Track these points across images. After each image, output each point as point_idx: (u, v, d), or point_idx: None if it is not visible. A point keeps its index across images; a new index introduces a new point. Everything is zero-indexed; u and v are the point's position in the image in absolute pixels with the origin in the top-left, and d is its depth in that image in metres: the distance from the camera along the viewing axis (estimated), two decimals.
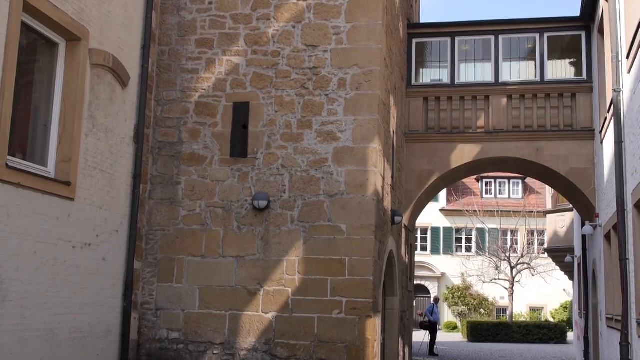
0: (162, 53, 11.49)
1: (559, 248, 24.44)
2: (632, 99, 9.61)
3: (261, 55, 11.19)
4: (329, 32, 11.03)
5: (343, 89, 10.85)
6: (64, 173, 8.70)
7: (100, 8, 9.47)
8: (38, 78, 8.71)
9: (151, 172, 11.21)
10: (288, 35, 11.14)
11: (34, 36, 8.46)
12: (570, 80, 14.60)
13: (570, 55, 15.05)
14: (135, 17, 10.53)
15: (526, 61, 15.15)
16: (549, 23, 14.91)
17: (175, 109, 11.33)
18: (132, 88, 10.47)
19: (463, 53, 15.18)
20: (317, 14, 11.09)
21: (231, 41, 11.31)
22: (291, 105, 10.97)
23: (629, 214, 9.82)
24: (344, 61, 10.91)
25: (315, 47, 11.03)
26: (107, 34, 9.66)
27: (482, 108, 14.66)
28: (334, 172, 10.69)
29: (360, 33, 10.93)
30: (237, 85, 11.20)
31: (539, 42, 14.82)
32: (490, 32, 15.10)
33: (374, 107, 10.74)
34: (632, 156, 9.65)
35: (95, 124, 9.37)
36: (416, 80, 15.29)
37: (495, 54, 14.95)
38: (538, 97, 14.48)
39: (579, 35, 14.72)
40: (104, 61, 9.47)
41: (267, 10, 11.26)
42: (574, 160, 14.20)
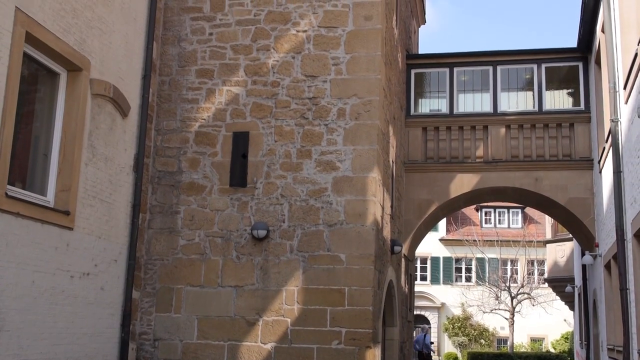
0: (163, 83, 11.56)
1: (559, 278, 24.35)
2: (629, 129, 9.66)
3: (261, 86, 11.27)
4: (328, 62, 11.12)
5: (342, 118, 10.90)
6: (63, 202, 8.70)
7: (101, 39, 9.55)
8: (39, 108, 8.75)
9: (150, 202, 11.21)
10: (288, 65, 11.23)
11: (35, 66, 8.53)
12: (568, 111, 14.68)
13: (568, 85, 15.16)
14: (136, 48, 10.62)
15: (524, 91, 15.25)
16: (547, 54, 15.04)
17: (175, 139, 11.37)
18: (133, 118, 10.52)
19: (461, 83, 15.29)
20: (317, 45, 11.19)
21: (231, 71, 11.40)
22: (291, 134, 11.01)
23: (629, 244, 9.81)
24: (343, 91, 10.98)
25: (315, 78, 11.11)
26: (108, 64, 9.74)
27: (480, 138, 14.72)
28: (333, 202, 10.69)
29: (359, 64, 11.02)
30: (236, 115, 11.25)
31: (537, 72, 14.94)
32: (488, 63, 15.23)
33: (373, 137, 10.78)
34: (631, 186, 9.67)
35: (95, 153, 9.40)
36: (415, 110, 15.37)
37: (493, 85, 15.05)
38: (536, 127, 14.55)
39: (576, 66, 14.84)
40: (105, 91, 9.53)
41: (267, 41, 11.37)
42: (573, 189, 14.22)
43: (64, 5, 8.64)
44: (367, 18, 11.09)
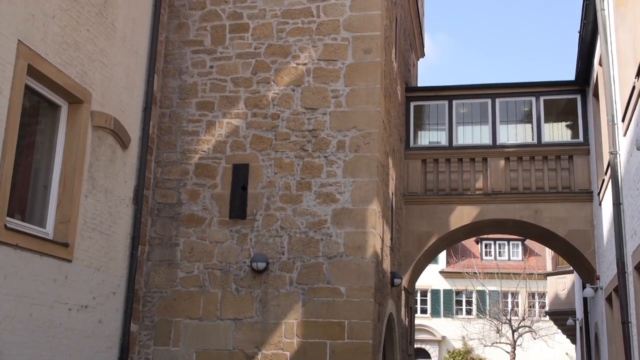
0: (163, 115, 11.62)
1: (561, 311, 24.19)
2: (629, 161, 9.68)
3: (261, 118, 11.32)
4: (328, 95, 11.18)
5: (342, 151, 10.94)
6: (62, 234, 8.68)
7: (103, 72, 9.63)
8: (39, 139, 8.78)
9: (150, 234, 11.18)
10: (288, 98, 11.30)
11: (36, 98, 8.57)
12: (567, 143, 14.73)
13: (566, 118, 15.23)
14: (137, 81, 10.69)
15: (523, 124, 15.31)
16: (545, 87, 15.14)
17: (175, 171, 11.39)
18: (133, 150, 10.55)
19: (460, 116, 15.36)
20: (317, 78, 11.27)
21: (231, 104, 11.46)
22: (290, 167, 11.04)
23: (630, 277, 9.76)
24: (343, 124, 11.03)
25: (315, 110, 11.17)
26: (109, 96, 9.80)
27: (480, 170, 14.75)
28: (333, 234, 10.67)
29: (359, 96, 11.09)
30: (236, 147, 11.29)
31: (535, 105, 15.02)
32: (487, 96, 15.31)
33: (373, 169, 10.80)
34: (631, 218, 9.66)
35: (95, 185, 9.41)
36: (414, 142, 15.42)
37: (492, 117, 15.12)
38: (535, 159, 14.58)
39: (574, 99, 14.92)
40: (106, 123, 9.57)
41: (267, 73, 11.45)
42: (573, 222, 14.20)
43: (66, 39, 8.72)
44: (367, 51, 11.18)
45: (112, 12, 9.90)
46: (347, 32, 11.29)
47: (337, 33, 11.33)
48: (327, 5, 11.44)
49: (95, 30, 9.44)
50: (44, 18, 8.26)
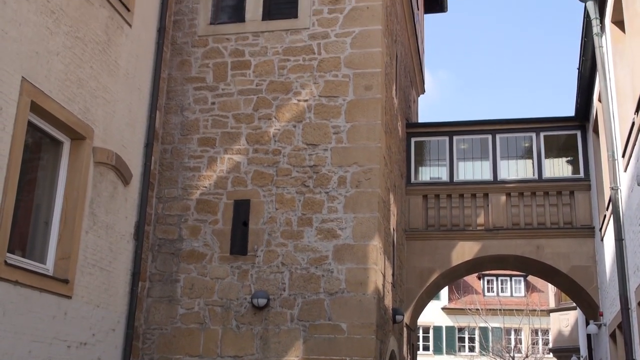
0: (165, 151, 11.67)
1: (564, 348, 23.96)
2: (630, 197, 9.68)
3: (262, 154, 11.36)
4: (329, 131, 11.24)
5: (343, 186, 10.95)
6: (62, 270, 8.64)
7: (105, 108, 9.70)
8: (41, 175, 8.81)
9: (150, 270, 11.14)
10: (289, 134, 11.35)
11: (39, 135, 8.62)
12: (567, 178, 14.74)
13: (566, 153, 15.27)
14: (139, 117, 10.76)
15: (524, 159, 15.35)
16: (545, 123, 15.21)
17: (176, 206, 11.39)
18: (134, 185, 10.57)
19: (461, 151, 15.41)
20: (318, 114, 11.34)
21: (233, 140, 11.52)
22: (291, 202, 11.04)
23: (633, 313, 9.69)
24: (344, 159, 11.06)
25: (316, 146, 11.21)
26: (111, 132, 9.85)
27: (481, 206, 14.74)
28: (334, 270, 10.62)
29: (360, 132, 11.14)
30: (238, 182, 11.30)
31: (536, 141, 15.07)
32: (487, 132, 15.38)
33: (374, 205, 10.80)
34: (634, 254, 9.62)
35: (96, 221, 9.40)
36: (415, 178, 15.44)
37: (492, 153, 15.16)
38: (537, 195, 14.58)
39: (574, 134, 14.98)
40: (107, 159, 9.60)
41: (268, 110, 11.52)
42: (575, 257, 14.14)
43: (70, 76, 8.81)
44: (367, 88, 11.27)
45: (115, 50, 10.01)
46: (348, 69, 11.40)
47: (338, 70, 11.43)
48: (328, 43, 11.57)
49: (99, 67, 9.54)
50: (48, 55, 8.35)
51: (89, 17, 9.30)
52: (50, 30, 8.41)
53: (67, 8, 8.79)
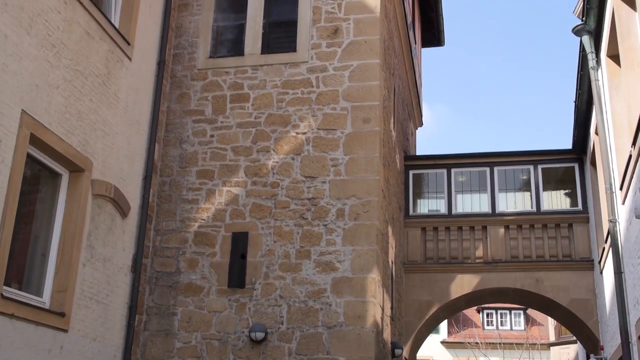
0: (163, 184, 11.67)
1: None
2: (628, 230, 9.67)
3: (260, 186, 11.37)
4: (327, 163, 11.26)
5: (341, 219, 10.93)
6: (59, 303, 8.58)
7: (104, 140, 9.73)
8: (39, 208, 8.80)
9: (147, 303, 11.06)
10: (287, 166, 11.37)
11: (38, 167, 8.63)
12: (566, 211, 14.74)
13: (564, 186, 15.30)
14: (138, 149, 10.79)
15: (522, 192, 15.36)
16: (542, 155, 15.26)
17: (174, 239, 11.36)
18: (132, 218, 10.56)
19: (459, 184, 15.43)
20: (316, 147, 11.37)
21: (231, 172, 11.53)
22: (290, 235, 11.01)
23: (634, 347, 9.61)
24: (342, 192, 11.07)
25: (314, 178, 11.23)
26: (110, 165, 9.87)
27: (480, 238, 14.72)
28: (332, 303, 10.56)
29: (358, 165, 11.16)
30: (236, 215, 11.29)
31: (534, 173, 15.11)
32: (485, 164, 15.43)
33: (373, 238, 10.78)
34: (633, 287, 9.58)
35: (93, 253, 9.37)
36: (414, 210, 15.44)
37: (491, 185, 15.19)
38: (535, 228, 14.57)
39: (572, 167, 15.03)
40: (106, 192, 9.60)
41: (267, 142, 11.56)
42: (575, 290, 14.08)
43: (69, 108, 8.85)
44: (366, 121, 11.33)
45: (115, 83, 10.08)
46: (346, 102, 11.47)
47: (336, 103, 11.50)
48: (326, 76, 11.66)
49: (98, 100, 9.59)
50: (48, 88, 8.41)
51: (89, 51, 9.38)
52: (51, 64, 8.48)
53: (68, 42, 8.87)
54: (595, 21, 10.72)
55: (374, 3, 11.86)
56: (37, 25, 8.20)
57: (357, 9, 11.88)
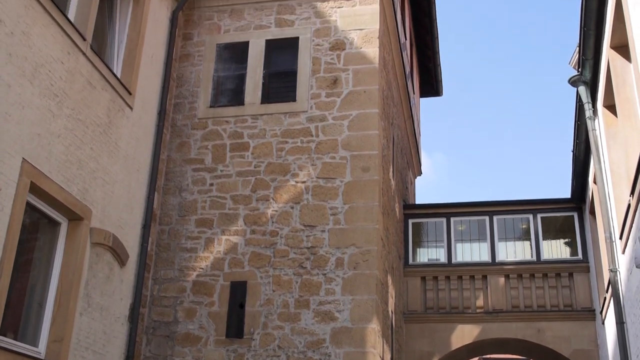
0: (162, 232, 11.65)
1: None
2: (629, 279, 9.62)
3: (260, 235, 11.34)
4: (326, 212, 11.26)
5: (341, 268, 10.88)
6: (54, 354, 8.47)
7: (104, 189, 9.75)
8: (37, 256, 8.76)
9: (144, 353, 10.91)
10: (286, 215, 11.37)
11: (37, 215, 8.63)
12: (566, 260, 14.68)
13: (564, 235, 15.27)
14: (137, 198, 10.80)
15: (521, 241, 15.33)
16: (541, 204, 15.27)
17: (172, 288, 11.28)
18: (130, 267, 10.50)
19: (459, 233, 15.41)
20: (315, 195, 11.39)
21: (230, 221, 11.52)
22: (289, 284, 10.94)
23: None
24: (342, 241, 11.04)
25: (313, 227, 11.21)
26: (109, 213, 9.86)
27: (480, 288, 14.62)
28: (332, 354, 10.42)
29: (357, 214, 11.16)
30: (235, 264, 11.23)
31: (533, 222, 15.10)
32: (484, 213, 15.43)
33: (372, 287, 10.70)
34: (635, 338, 9.47)
35: (90, 302, 9.28)
36: (413, 259, 15.37)
37: (490, 234, 15.16)
38: (536, 277, 14.49)
39: (571, 216, 15.03)
40: (105, 240, 9.58)
41: (266, 191, 11.58)
42: (577, 341, 13.92)
43: (70, 157, 8.90)
44: (365, 169, 11.37)
45: (116, 132, 10.15)
46: (346, 151, 11.53)
47: (335, 152, 11.56)
48: (325, 126, 11.75)
49: (99, 149, 9.65)
50: (50, 137, 8.46)
51: (91, 100, 9.48)
52: (53, 113, 8.55)
53: (70, 91, 8.97)
54: (591, 72, 10.87)
55: (373, 54, 12.04)
56: (41, 75, 8.31)
57: (356, 60, 12.05)
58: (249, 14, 12.83)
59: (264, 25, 12.68)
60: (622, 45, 9.07)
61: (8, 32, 7.70)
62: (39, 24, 8.29)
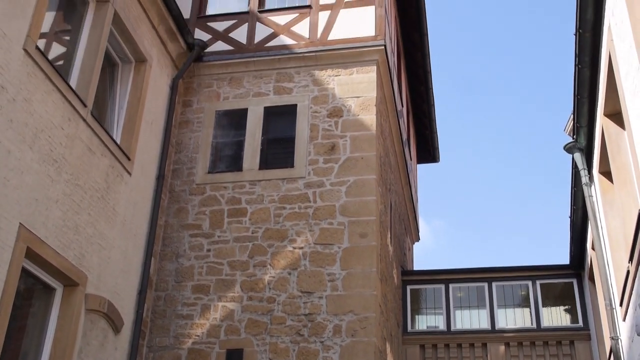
0: (158, 298, 11.52)
1: None
2: (630, 347, 9.48)
3: (256, 301, 11.22)
4: (324, 278, 11.18)
5: (338, 335, 10.72)
6: None
7: (100, 254, 9.69)
8: (30, 322, 8.63)
9: None
10: (284, 281, 11.28)
11: (32, 281, 8.55)
12: (567, 328, 14.51)
13: (564, 302, 15.14)
14: (134, 263, 10.73)
15: (521, 308, 15.19)
16: (540, 271, 15.20)
17: (167, 356, 11.08)
18: (125, 334, 10.34)
19: (458, 300, 15.27)
20: (313, 261, 11.33)
21: (227, 287, 11.42)
22: (286, 352, 10.76)
23: None
24: (339, 307, 10.92)
25: (311, 294, 11.10)
26: (105, 279, 9.78)
27: (480, 356, 14.39)
28: None
29: (355, 280, 11.07)
30: (231, 331, 11.08)
31: (532, 289, 14.99)
32: (483, 280, 15.33)
33: (371, 356, 10.52)
34: None
35: None
36: (412, 326, 15.18)
37: (489, 301, 15.02)
38: (536, 345, 14.29)
39: (570, 282, 14.94)
40: (100, 306, 9.46)
41: (263, 257, 11.52)
42: None
43: (67, 222, 8.88)
44: (362, 235, 11.35)
45: (114, 197, 10.17)
46: (343, 216, 11.53)
47: (333, 218, 11.56)
48: (323, 191, 11.79)
49: (96, 214, 9.64)
50: (47, 202, 8.47)
51: (90, 166, 9.53)
52: (52, 178, 8.59)
53: (70, 157, 9.03)
54: (586, 139, 10.99)
55: (370, 121, 12.19)
56: (40, 140, 8.38)
57: (353, 127, 12.20)
58: (248, 81, 13.05)
59: (262, 92, 12.88)
60: (616, 113, 9.20)
61: (10, 98, 7.81)
62: (41, 91, 8.42)
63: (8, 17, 7.79)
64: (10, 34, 7.82)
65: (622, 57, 7.77)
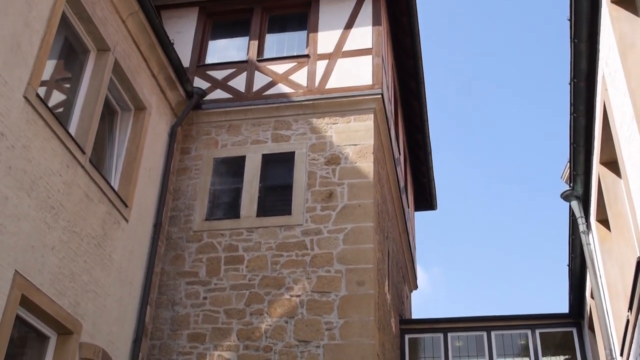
0: (153, 347, 11.37)
1: None
2: None
3: (253, 350, 11.08)
4: (321, 327, 11.06)
5: None
6: None
7: (95, 302, 9.60)
8: None
9: None
10: (280, 330, 11.15)
11: (25, 329, 8.44)
12: None
13: (564, 351, 14.96)
14: (129, 311, 10.62)
15: (521, 357, 14.99)
16: (540, 319, 15.06)
17: None
18: None
19: (456, 349, 15.08)
20: (310, 310, 11.22)
21: (223, 336, 11.28)
22: None
23: None
24: (337, 357, 10.77)
25: (308, 343, 10.97)
26: (99, 327, 9.66)
27: None
28: None
29: (352, 329, 10.95)
30: None
31: (532, 338, 14.83)
32: (482, 328, 15.17)
33: None
34: None
35: None
36: None
37: (488, 350, 14.84)
38: None
39: (570, 332, 14.78)
40: (94, 355, 9.32)
41: (260, 305, 11.42)
42: None
43: (63, 270, 8.82)
44: (360, 283, 11.27)
45: (110, 244, 10.13)
46: (341, 264, 11.47)
47: (330, 265, 11.50)
48: (320, 239, 11.75)
49: (92, 261, 9.58)
50: (44, 249, 8.42)
51: (87, 213, 9.51)
52: (48, 225, 8.56)
53: (67, 203, 9.02)
54: (583, 187, 11.02)
55: (368, 169, 12.24)
56: (38, 187, 8.38)
57: (351, 174, 12.23)
58: (246, 129, 13.14)
59: (260, 140, 12.95)
60: (612, 161, 9.25)
61: (9, 145, 7.84)
62: (40, 138, 8.45)
63: (9, 66, 7.88)
64: (12, 81, 7.90)
65: (617, 106, 7.85)
